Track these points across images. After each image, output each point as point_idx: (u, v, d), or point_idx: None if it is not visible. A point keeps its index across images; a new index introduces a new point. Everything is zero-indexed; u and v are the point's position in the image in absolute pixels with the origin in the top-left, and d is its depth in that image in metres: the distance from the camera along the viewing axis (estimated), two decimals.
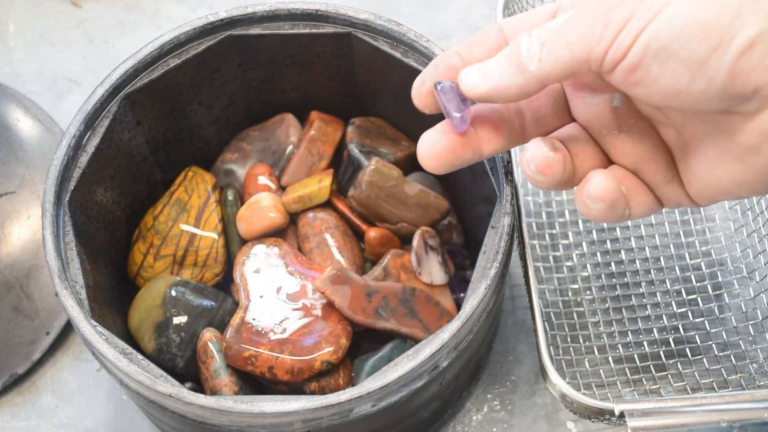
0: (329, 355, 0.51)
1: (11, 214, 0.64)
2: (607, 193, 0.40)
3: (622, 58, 0.36)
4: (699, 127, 0.39)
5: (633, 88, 0.37)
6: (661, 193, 0.42)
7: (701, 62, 0.35)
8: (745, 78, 0.35)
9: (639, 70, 0.36)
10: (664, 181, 0.42)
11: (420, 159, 0.43)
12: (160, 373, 0.46)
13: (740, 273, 0.60)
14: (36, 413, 0.60)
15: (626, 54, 0.36)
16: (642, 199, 0.42)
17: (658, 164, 0.42)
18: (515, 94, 0.39)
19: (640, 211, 0.42)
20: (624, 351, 0.58)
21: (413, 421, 0.52)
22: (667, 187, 0.42)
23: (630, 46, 0.36)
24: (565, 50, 0.37)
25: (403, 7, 0.76)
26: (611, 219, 0.42)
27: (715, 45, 0.34)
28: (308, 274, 0.55)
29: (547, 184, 0.41)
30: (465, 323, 0.46)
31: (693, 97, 0.36)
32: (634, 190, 0.42)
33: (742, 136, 0.37)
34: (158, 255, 0.58)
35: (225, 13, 0.55)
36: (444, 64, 0.42)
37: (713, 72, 0.35)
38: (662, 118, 0.41)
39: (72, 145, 0.51)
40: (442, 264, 0.57)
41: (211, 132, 0.62)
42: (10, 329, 0.61)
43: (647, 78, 0.36)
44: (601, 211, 0.41)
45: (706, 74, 0.35)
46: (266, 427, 0.45)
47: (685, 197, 0.42)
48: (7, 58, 0.75)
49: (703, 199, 0.41)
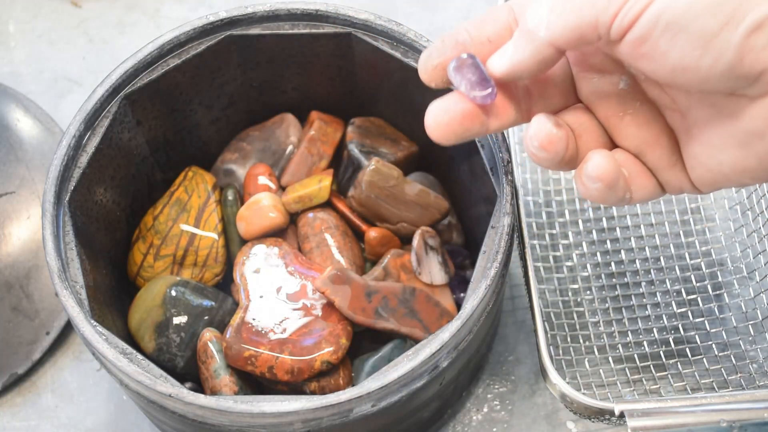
0: (329, 355, 0.51)
1: (11, 214, 0.64)
2: (606, 173, 0.40)
3: (630, 28, 0.36)
4: (704, 111, 0.39)
5: (640, 62, 0.37)
6: (663, 178, 0.42)
7: (711, 37, 0.35)
8: (753, 57, 0.35)
9: (647, 42, 0.36)
10: (668, 165, 0.42)
11: (427, 129, 0.43)
12: (160, 373, 0.46)
13: (740, 273, 0.60)
14: (36, 413, 0.60)
15: (634, 23, 0.36)
16: (644, 183, 0.42)
17: (662, 149, 0.42)
18: (534, 63, 0.40)
19: (641, 195, 0.42)
20: (624, 351, 0.58)
21: (413, 421, 0.52)
22: (670, 172, 0.42)
23: (638, 15, 0.36)
24: (573, 15, 0.37)
25: (403, 7, 0.76)
26: (611, 201, 0.42)
27: (725, 20, 0.34)
28: (308, 274, 0.55)
29: (549, 162, 0.41)
30: (465, 323, 0.46)
31: (700, 73, 0.36)
32: (636, 173, 0.42)
33: (746, 121, 0.37)
34: (158, 255, 0.58)
35: (225, 13, 0.55)
36: (451, 40, 0.42)
37: (722, 48, 0.35)
38: (668, 102, 0.41)
39: (72, 145, 0.51)
40: (442, 264, 0.57)
41: (211, 132, 0.62)
42: (10, 329, 0.61)
43: (655, 52, 0.36)
44: (600, 192, 0.41)
45: (715, 50, 0.35)
46: (266, 427, 0.45)
47: (687, 183, 0.42)
48: (7, 58, 0.75)
49: (705, 185, 0.41)
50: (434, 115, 0.43)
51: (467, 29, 0.42)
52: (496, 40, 0.42)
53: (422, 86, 0.55)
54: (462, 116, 0.42)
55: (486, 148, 0.52)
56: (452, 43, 0.42)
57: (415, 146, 0.62)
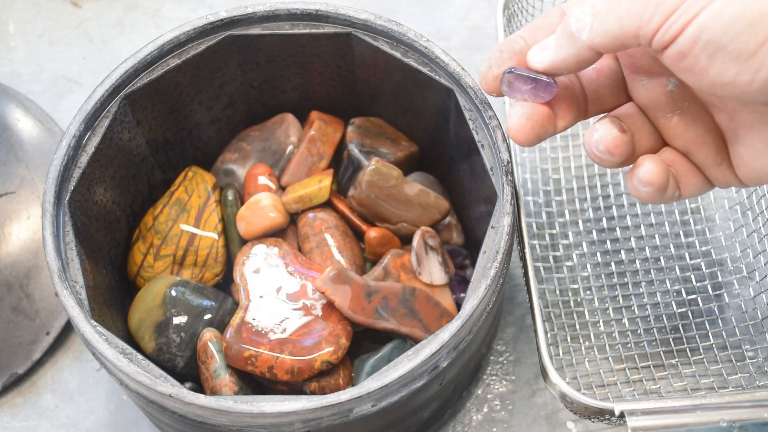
0: (329, 355, 0.51)
1: (11, 214, 0.64)
2: (656, 178, 0.42)
3: (671, 43, 0.37)
4: (748, 115, 0.41)
5: (682, 74, 0.39)
6: (711, 175, 0.44)
7: (748, 56, 0.36)
8: None
9: (688, 58, 0.37)
10: (714, 163, 0.44)
11: (511, 135, 0.45)
12: (160, 373, 0.46)
13: (740, 273, 0.60)
14: (36, 413, 0.60)
15: (675, 39, 0.37)
16: (692, 181, 0.44)
17: (709, 147, 0.43)
18: (573, 62, 0.41)
19: (690, 192, 0.44)
20: (624, 351, 0.58)
21: (413, 421, 0.52)
22: (717, 169, 0.44)
23: (679, 32, 0.37)
24: (616, 24, 0.39)
25: (403, 7, 0.76)
26: (661, 201, 0.44)
27: (762, 41, 0.35)
28: (308, 274, 0.55)
29: (612, 164, 0.43)
30: (465, 323, 0.46)
31: (739, 88, 0.37)
32: (684, 172, 0.44)
33: None
34: (158, 255, 0.58)
35: (225, 13, 0.55)
36: (509, 50, 0.44)
37: (759, 66, 0.36)
38: (717, 102, 0.42)
39: (72, 145, 0.51)
40: (442, 264, 0.57)
41: (211, 132, 0.62)
42: (10, 329, 0.61)
43: (695, 67, 0.38)
44: (650, 194, 0.43)
45: (752, 68, 0.36)
46: (266, 427, 0.45)
47: (734, 178, 0.44)
48: (7, 58, 0.75)
49: (750, 181, 0.43)
50: (517, 122, 0.45)
51: (523, 36, 0.44)
52: None
53: (422, 86, 0.56)
54: (540, 119, 0.44)
55: (486, 148, 0.52)
56: (510, 53, 0.44)
57: (415, 146, 0.62)
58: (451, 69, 0.53)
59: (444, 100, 0.55)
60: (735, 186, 0.44)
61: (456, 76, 0.52)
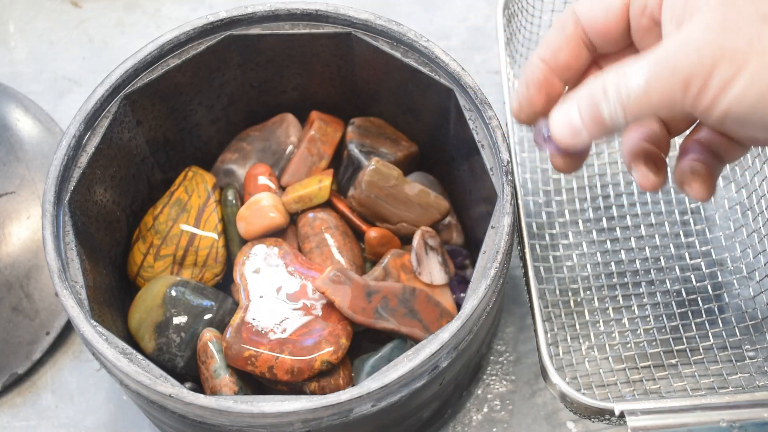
0: (329, 355, 0.51)
1: (11, 214, 0.64)
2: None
3: (703, 119, 0.40)
4: None
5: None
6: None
7: None
8: None
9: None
10: None
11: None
12: (160, 373, 0.46)
13: (740, 273, 0.60)
14: (36, 413, 0.60)
15: (706, 116, 0.39)
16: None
17: None
18: (599, 139, 0.44)
19: None
20: (624, 351, 0.58)
21: (413, 421, 0.52)
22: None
23: (708, 110, 0.39)
24: (648, 111, 0.40)
25: (403, 7, 0.76)
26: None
27: None
28: (308, 274, 0.55)
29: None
30: (465, 323, 0.46)
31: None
32: None
33: None
34: (158, 255, 0.58)
35: (225, 13, 0.55)
36: (534, 84, 0.45)
37: None
38: None
39: (72, 145, 0.51)
40: (442, 264, 0.57)
41: (211, 132, 0.62)
42: (10, 329, 0.61)
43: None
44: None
45: None
46: (266, 427, 0.45)
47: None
48: (7, 58, 0.75)
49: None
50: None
51: (544, 59, 0.45)
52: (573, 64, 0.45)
53: (422, 86, 0.56)
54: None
55: (486, 148, 0.52)
56: (536, 87, 0.45)
57: (415, 146, 0.62)
58: (451, 69, 0.53)
59: (444, 100, 0.55)
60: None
61: (456, 76, 0.52)
